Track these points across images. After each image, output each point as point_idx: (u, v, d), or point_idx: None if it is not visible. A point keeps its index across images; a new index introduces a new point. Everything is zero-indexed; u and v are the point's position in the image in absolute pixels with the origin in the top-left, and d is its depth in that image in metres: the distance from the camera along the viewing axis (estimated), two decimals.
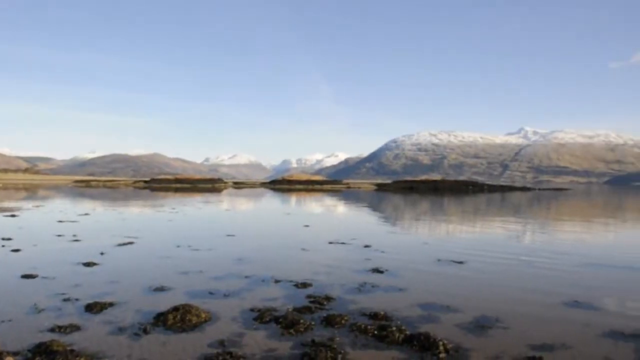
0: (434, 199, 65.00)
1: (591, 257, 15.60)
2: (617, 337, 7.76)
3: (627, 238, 22.93)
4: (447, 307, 9.32)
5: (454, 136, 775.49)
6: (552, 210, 45.86)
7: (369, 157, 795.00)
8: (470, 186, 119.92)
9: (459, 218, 32.83)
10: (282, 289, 10.68)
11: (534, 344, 7.40)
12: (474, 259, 14.94)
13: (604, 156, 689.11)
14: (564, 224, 29.47)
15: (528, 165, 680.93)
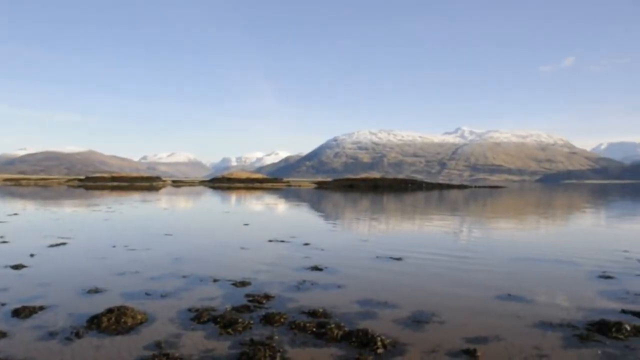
0: (374, 196, 65.83)
1: (523, 252, 16.17)
2: (546, 328, 8.07)
3: (556, 233, 23.88)
4: (385, 303, 9.46)
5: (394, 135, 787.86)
6: (487, 207, 47.27)
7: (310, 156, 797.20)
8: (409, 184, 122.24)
9: (397, 215, 33.38)
10: (221, 288, 10.58)
11: (468, 337, 7.61)
12: (412, 255, 15.22)
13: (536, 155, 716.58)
14: (498, 221, 30.44)
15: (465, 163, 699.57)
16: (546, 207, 46.90)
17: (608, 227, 27.33)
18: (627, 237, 21.42)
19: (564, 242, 19.66)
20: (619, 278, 12.04)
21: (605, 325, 8.01)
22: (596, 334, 7.77)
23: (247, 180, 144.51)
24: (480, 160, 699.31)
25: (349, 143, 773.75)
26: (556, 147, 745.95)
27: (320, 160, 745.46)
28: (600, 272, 12.75)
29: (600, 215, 36.80)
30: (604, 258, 14.97)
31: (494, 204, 53.13)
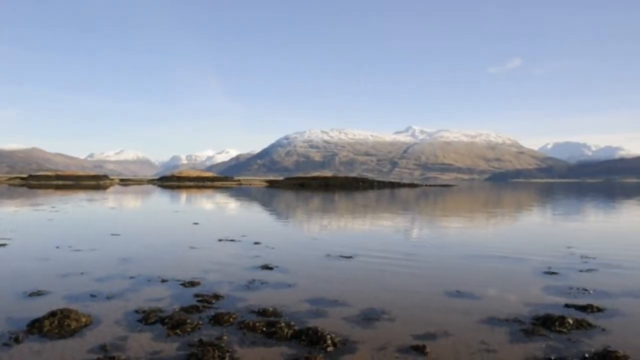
0: (325, 195, 66.05)
1: (472, 249, 16.47)
2: (493, 323, 8.22)
3: (504, 231, 24.48)
4: (336, 301, 9.46)
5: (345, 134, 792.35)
6: (437, 205, 48.08)
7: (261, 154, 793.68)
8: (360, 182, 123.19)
9: (349, 214, 33.58)
10: (169, 289, 10.37)
11: (418, 333, 7.67)
12: (363, 253, 15.30)
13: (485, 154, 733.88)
14: (448, 219, 30.97)
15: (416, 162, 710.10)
16: (495, 206, 48.06)
17: (553, 224, 28.19)
18: (571, 234, 22.12)
19: (512, 240, 20.16)
20: (563, 273, 12.39)
21: (549, 319, 8.21)
22: (541, 328, 7.95)
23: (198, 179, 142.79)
24: (431, 159, 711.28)
25: (301, 142, 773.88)
26: (505, 147, 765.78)
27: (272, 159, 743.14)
28: (545, 268, 13.09)
29: (546, 213, 37.93)
30: (549, 254, 15.40)
31: (444, 202, 54.08)
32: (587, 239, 20.04)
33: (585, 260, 14.24)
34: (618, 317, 8.66)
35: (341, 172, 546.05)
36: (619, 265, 13.69)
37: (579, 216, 34.03)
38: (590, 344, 7.24)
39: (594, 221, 30.40)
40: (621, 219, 32.86)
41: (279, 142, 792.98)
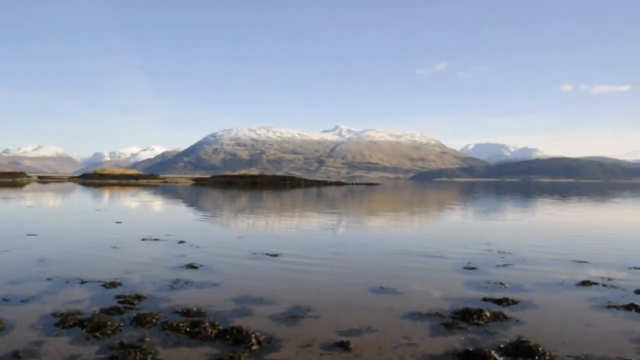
0: (253, 193, 65.73)
1: (396, 246, 16.84)
2: (415, 318, 8.45)
3: (427, 228, 25.18)
4: (261, 299, 9.45)
5: (273, 132, 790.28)
6: (363, 203, 48.83)
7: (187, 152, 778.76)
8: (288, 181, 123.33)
9: (276, 212, 33.56)
10: (89, 290, 10.02)
11: (342, 330, 7.78)
12: (289, 251, 15.34)
13: (410, 154, 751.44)
14: (373, 217, 31.53)
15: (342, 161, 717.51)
16: (418, 204, 49.33)
17: (473, 222, 29.25)
18: (490, 231, 23.04)
19: (434, 237, 20.76)
20: (481, 269, 12.90)
21: (468, 313, 8.54)
22: (460, 321, 8.25)
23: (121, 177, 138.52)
24: (358, 158, 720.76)
25: (228, 139, 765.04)
26: (429, 147, 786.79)
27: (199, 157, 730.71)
28: (465, 264, 13.58)
29: (467, 211, 39.31)
30: (469, 251, 15.98)
31: (370, 200, 55.00)
32: (505, 236, 20.95)
33: (502, 256, 14.88)
34: (531, 309, 9.11)
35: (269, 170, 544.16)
36: (532, 260, 14.40)
37: (498, 214, 35.49)
38: (506, 335, 7.57)
39: (511, 219, 31.75)
40: (535, 216, 34.54)
41: (206, 140, 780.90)
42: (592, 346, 7.18)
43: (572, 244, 18.19)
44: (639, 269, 13.20)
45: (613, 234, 22.28)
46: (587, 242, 18.91)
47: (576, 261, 14.19)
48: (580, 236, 21.12)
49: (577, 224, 27.55)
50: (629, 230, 24.64)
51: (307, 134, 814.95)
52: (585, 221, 29.93)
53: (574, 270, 12.94)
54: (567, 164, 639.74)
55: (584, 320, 8.48)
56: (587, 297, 10.05)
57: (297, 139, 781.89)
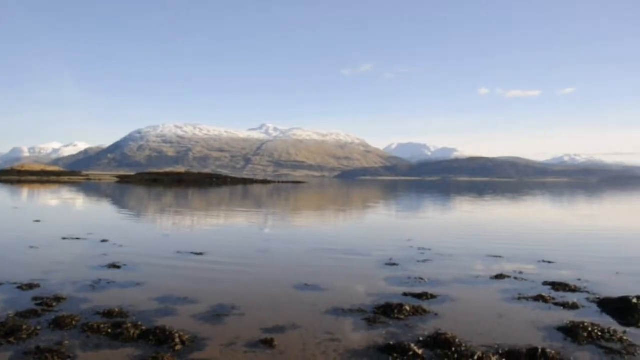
0: (178, 191, 64.55)
1: (320, 244, 17.08)
2: (338, 314, 8.64)
3: (351, 225, 25.62)
4: (185, 298, 9.38)
5: (199, 129, 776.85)
6: (289, 201, 48.97)
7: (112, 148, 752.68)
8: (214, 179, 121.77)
9: (202, 210, 33.15)
10: (3, 293, 9.61)
11: (266, 327, 7.85)
12: (214, 250, 15.25)
13: (335, 153, 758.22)
14: (299, 214, 31.72)
15: (269, 159, 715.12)
16: (343, 202, 50.01)
17: (395, 219, 30.00)
18: (411, 228, 23.74)
19: (358, 234, 21.18)
20: (402, 265, 13.31)
21: (389, 307, 8.82)
22: (382, 316, 8.51)
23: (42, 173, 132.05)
24: (284, 157, 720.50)
25: (154, 136, 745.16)
26: (353, 146, 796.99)
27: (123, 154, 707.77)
28: (387, 260, 13.96)
29: (389, 208, 40.24)
30: (391, 247, 16.42)
31: (296, 198, 55.23)
32: (425, 233, 21.68)
33: (422, 252, 15.39)
34: (448, 302, 9.52)
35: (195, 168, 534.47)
36: (450, 255, 15.00)
37: (418, 211, 36.54)
38: (425, 328, 7.89)
39: (431, 216, 32.75)
40: (454, 213, 35.84)
41: (131, 136, 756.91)
42: (504, 336, 7.61)
43: (487, 239, 19.03)
44: (546, 262, 14.01)
45: (524, 230, 23.47)
46: (500, 237, 19.85)
47: (491, 256, 14.89)
48: (494, 232, 22.11)
49: (492, 221, 28.80)
50: (538, 226, 25.99)
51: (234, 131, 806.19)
52: (499, 218, 31.32)
53: (488, 264, 13.59)
54: (483, 164, 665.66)
55: (497, 312, 8.95)
56: (500, 290, 10.61)
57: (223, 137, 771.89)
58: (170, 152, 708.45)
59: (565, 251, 16.35)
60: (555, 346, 7.15)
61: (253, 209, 34.47)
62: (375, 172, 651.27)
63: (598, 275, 12.34)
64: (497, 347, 7.05)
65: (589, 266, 13.52)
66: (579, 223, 28.32)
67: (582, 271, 12.77)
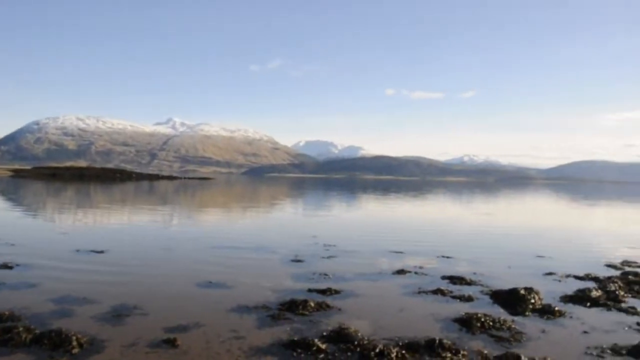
0: (80, 186, 61.81)
1: (226, 241, 16.92)
2: (243, 311, 8.62)
3: (257, 222, 25.63)
4: (84, 299, 9.02)
5: (103, 122, 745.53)
6: (195, 198, 48.21)
7: (5, 140, 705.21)
8: (118, 174, 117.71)
9: (104, 207, 31.92)
10: None
11: (170, 326, 7.70)
12: (116, 248, 14.76)
13: (243, 149, 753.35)
14: (205, 211, 31.31)
15: (175, 154, 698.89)
16: (250, 199, 49.84)
17: (302, 215, 30.28)
18: (317, 225, 24.02)
19: (264, 231, 21.22)
20: (308, 261, 13.48)
21: (294, 304, 8.91)
22: (286, 312, 8.58)
23: None
24: (191, 152, 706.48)
25: (53, 128, 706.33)
26: (262, 143, 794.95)
27: (19, 146, 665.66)
28: (293, 256, 14.08)
29: (296, 205, 40.57)
30: (297, 244, 16.57)
31: (203, 195, 54.46)
32: (330, 228, 22.09)
33: (327, 248, 15.66)
34: (352, 297, 9.76)
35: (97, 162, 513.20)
36: (354, 251, 15.38)
37: (324, 208, 37.08)
38: (328, 323, 8.04)
39: (337, 212, 33.40)
40: (359, 210, 36.73)
41: (28, 128, 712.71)
42: (404, 329, 7.90)
43: (390, 236, 19.63)
44: (445, 257, 14.67)
45: (426, 227, 24.45)
46: (403, 234, 20.58)
47: (393, 252, 15.37)
48: (397, 229, 22.87)
49: (395, 218, 29.75)
50: (438, 223, 27.15)
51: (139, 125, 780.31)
52: (403, 215, 32.39)
53: (391, 260, 14.04)
54: (388, 162, 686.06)
55: (398, 306, 9.27)
56: (401, 285, 11.00)
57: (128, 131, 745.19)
58: (72, 145, 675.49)
59: (463, 247, 17.18)
60: (451, 336, 7.51)
61: (158, 206, 33.62)
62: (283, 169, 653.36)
63: (492, 269, 13.07)
64: (398, 340, 7.30)
65: (484, 261, 14.29)
66: (476, 220, 29.79)
67: (478, 265, 13.49)
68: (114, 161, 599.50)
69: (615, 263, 14.40)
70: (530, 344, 7.43)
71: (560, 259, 14.93)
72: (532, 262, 14.32)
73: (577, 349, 7.27)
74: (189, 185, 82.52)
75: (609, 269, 13.63)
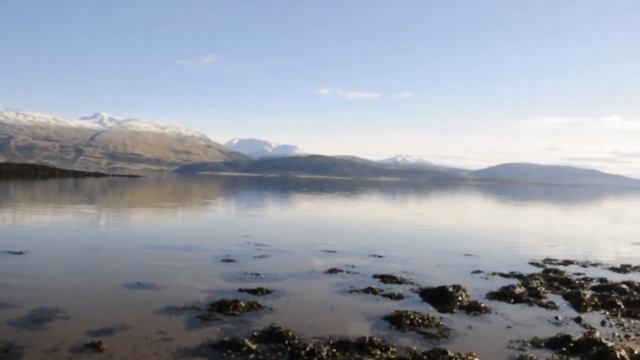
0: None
1: (156, 240, 16.57)
2: (172, 312, 8.41)
3: (188, 221, 25.21)
4: (0, 303, 8.54)
5: (24, 115, 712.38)
6: (125, 196, 46.91)
7: None
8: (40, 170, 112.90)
9: (24, 205, 30.50)
10: None
11: (94, 329, 7.40)
12: (38, 249, 14.07)
13: (175, 146, 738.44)
14: (135, 210, 30.47)
15: (103, 151, 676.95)
16: (181, 197, 48.95)
17: (234, 215, 30.00)
18: (249, 224, 23.85)
19: (195, 230, 20.87)
20: (239, 260, 13.32)
21: (224, 304, 8.76)
22: (217, 313, 8.44)
23: None
24: (120, 149, 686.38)
25: None
26: (194, 140, 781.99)
27: None
28: (224, 256, 13.88)
29: (229, 204, 40.20)
30: (229, 243, 16.37)
31: (132, 193, 53.08)
32: (263, 228, 21.95)
33: (259, 248, 15.53)
34: (283, 297, 9.71)
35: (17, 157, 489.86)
36: (287, 250, 15.35)
37: (258, 207, 36.88)
38: (259, 323, 7.95)
39: (270, 212, 33.30)
40: (292, 209, 36.76)
41: None
42: (335, 327, 7.92)
43: (323, 235, 19.75)
44: (377, 256, 14.87)
45: (358, 226, 24.75)
46: (336, 233, 20.74)
47: (326, 251, 15.44)
48: (331, 228, 23.04)
49: (328, 217, 29.96)
50: (371, 223, 27.55)
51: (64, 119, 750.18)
52: (336, 214, 32.67)
53: (323, 259, 14.09)
54: (322, 162, 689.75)
55: (329, 305, 9.30)
56: (333, 284, 11.05)
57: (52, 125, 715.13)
58: None
59: (395, 246, 17.48)
60: (381, 334, 7.60)
61: (84, 205, 32.43)
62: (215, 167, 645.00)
63: (422, 267, 13.35)
64: (329, 338, 7.31)
65: (415, 260, 14.59)
66: (408, 220, 30.40)
67: (408, 264, 13.74)
68: (36, 157, 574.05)
69: (537, 261, 15.02)
70: (457, 339, 7.62)
71: (487, 258, 15.43)
72: (460, 261, 14.73)
73: (500, 343, 7.52)
74: (118, 183, 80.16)
75: (532, 266, 14.21)
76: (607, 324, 8.71)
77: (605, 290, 11.04)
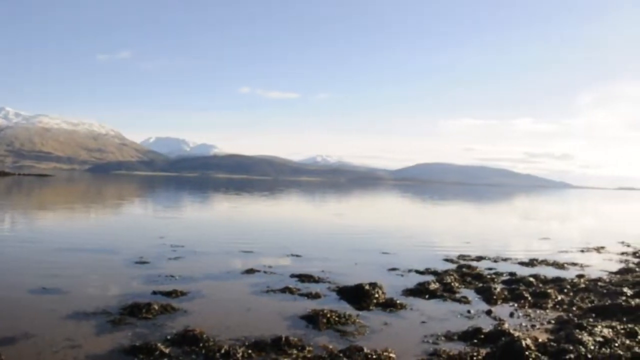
0: None
1: (65, 243, 15.83)
2: (80, 318, 8.03)
3: (100, 223, 24.28)
4: None
5: None
6: (32, 196, 44.71)
7: None
8: None
9: None
10: None
11: None
12: None
13: (88, 144, 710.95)
14: (42, 211, 29.09)
15: (8, 148, 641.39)
16: (94, 197, 47.19)
17: (149, 216, 29.17)
18: (164, 225, 23.22)
19: (107, 232, 20.13)
20: (153, 262, 12.93)
21: (137, 307, 8.46)
22: (128, 317, 8.13)
23: None
24: (27, 146, 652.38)
25: None
26: (108, 138, 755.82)
27: None
28: (137, 258, 13.41)
29: (143, 205, 39.10)
30: (142, 245, 15.88)
31: (40, 193, 50.67)
32: (179, 229, 21.46)
33: (174, 249, 15.13)
34: (199, 298, 9.51)
35: None
36: (203, 251, 15.06)
37: (173, 208, 36.06)
38: (173, 326, 7.74)
39: (186, 212, 32.66)
40: (210, 210, 36.29)
41: None
42: (252, 328, 7.84)
43: (241, 235, 19.52)
44: (295, 256, 14.87)
45: (277, 226, 24.72)
46: (254, 233, 20.57)
47: (243, 251, 15.26)
48: (248, 228, 22.85)
49: (246, 217, 29.77)
50: (289, 222, 27.61)
51: None
52: (254, 214, 32.50)
53: (240, 260, 13.95)
54: (242, 161, 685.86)
55: (246, 305, 9.20)
56: (250, 284, 10.95)
57: None
58: None
59: (313, 246, 17.58)
60: (298, 333, 7.59)
61: None
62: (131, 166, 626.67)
63: (339, 266, 13.45)
64: (244, 339, 7.22)
65: (333, 259, 14.70)
66: (326, 219, 30.70)
67: (326, 263, 13.82)
68: None
69: (452, 257, 15.51)
70: (374, 336, 7.74)
71: (404, 255, 15.78)
72: (377, 259, 14.97)
73: (415, 339, 7.70)
74: (24, 182, 76.19)
75: (447, 262, 14.66)
76: (515, 316, 9.14)
77: (514, 284, 11.59)
